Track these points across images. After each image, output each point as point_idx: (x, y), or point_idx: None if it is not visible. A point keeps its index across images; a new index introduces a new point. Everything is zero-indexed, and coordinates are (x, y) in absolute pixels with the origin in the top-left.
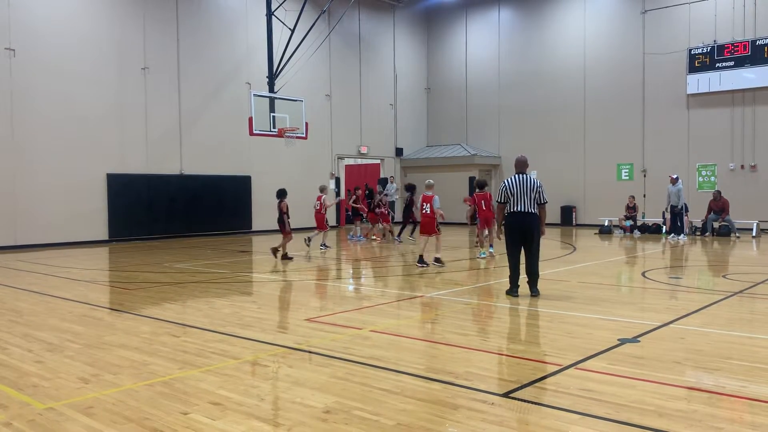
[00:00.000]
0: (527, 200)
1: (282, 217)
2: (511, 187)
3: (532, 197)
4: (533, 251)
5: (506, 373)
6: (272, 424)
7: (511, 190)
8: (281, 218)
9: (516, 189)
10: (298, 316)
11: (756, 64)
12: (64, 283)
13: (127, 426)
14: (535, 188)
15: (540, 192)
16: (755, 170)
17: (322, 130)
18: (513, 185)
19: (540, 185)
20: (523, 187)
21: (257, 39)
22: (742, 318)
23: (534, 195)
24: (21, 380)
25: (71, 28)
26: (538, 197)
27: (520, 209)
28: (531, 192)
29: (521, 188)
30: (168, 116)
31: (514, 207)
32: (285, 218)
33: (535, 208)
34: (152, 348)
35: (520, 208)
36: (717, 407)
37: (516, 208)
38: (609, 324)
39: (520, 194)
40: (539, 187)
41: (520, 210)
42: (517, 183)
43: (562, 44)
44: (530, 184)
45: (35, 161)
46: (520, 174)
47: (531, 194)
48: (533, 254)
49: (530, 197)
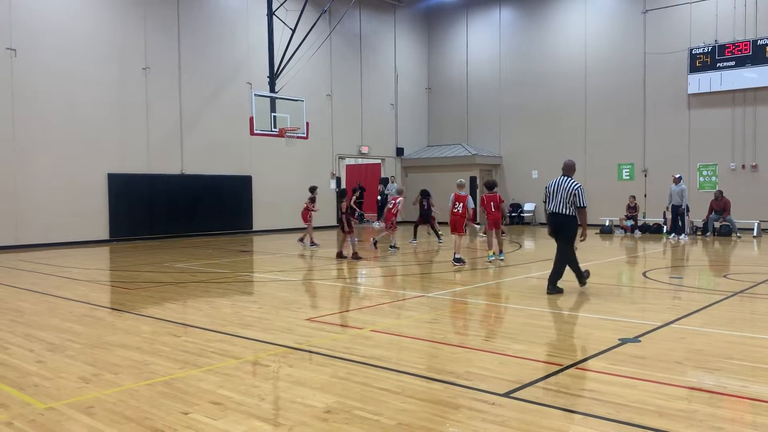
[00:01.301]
0: (560, 201)
1: (340, 217)
2: (549, 188)
3: (567, 199)
4: (564, 250)
5: (507, 373)
6: (273, 423)
7: (549, 190)
8: (339, 218)
9: (553, 190)
10: (298, 315)
11: (757, 64)
12: (66, 283)
13: (127, 426)
14: (570, 191)
15: (576, 195)
16: (756, 170)
17: (323, 130)
18: (551, 186)
19: (577, 189)
20: (559, 188)
21: (258, 39)
22: (743, 318)
23: (569, 197)
24: (22, 380)
25: (72, 29)
26: (575, 200)
27: (552, 210)
28: (566, 194)
29: (557, 190)
30: (169, 116)
31: (549, 207)
32: (344, 218)
33: (568, 210)
34: (153, 348)
35: (553, 208)
36: (718, 407)
37: (550, 209)
38: (610, 324)
39: (555, 195)
40: (576, 190)
41: (552, 210)
42: (555, 185)
43: (563, 44)
44: (567, 186)
45: (36, 161)
46: (563, 177)
47: (565, 196)
48: (563, 252)
49: (564, 199)
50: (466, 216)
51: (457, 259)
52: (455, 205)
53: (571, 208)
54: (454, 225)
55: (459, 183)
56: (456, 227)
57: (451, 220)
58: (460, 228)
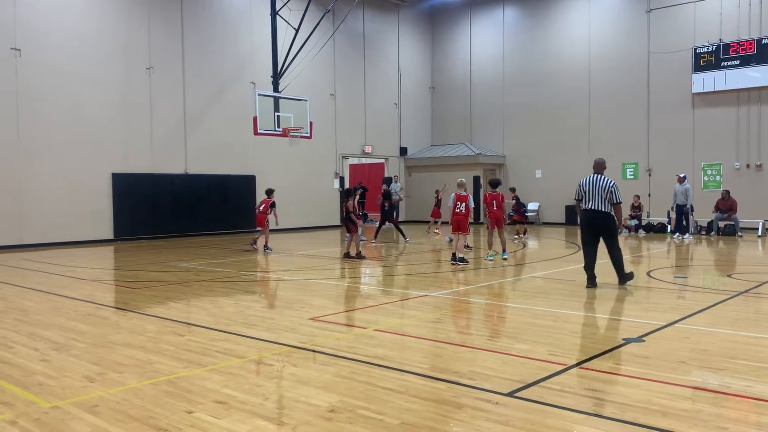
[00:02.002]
0: (598, 199)
1: (349, 215)
2: (583, 186)
3: (604, 197)
4: (613, 245)
5: (511, 373)
6: (276, 423)
7: (583, 188)
8: (348, 217)
9: (588, 187)
10: (302, 315)
11: (762, 63)
12: (70, 282)
13: (132, 425)
14: (606, 188)
15: (612, 192)
16: (761, 169)
17: (327, 130)
18: (585, 184)
19: (613, 186)
20: (595, 186)
21: (262, 38)
22: (748, 318)
23: (605, 195)
24: (27, 379)
25: (76, 28)
26: (611, 197)
27: (591, 207)
28: (602, 192)
29: (593, 187)
30: (173, 116)
31: (586, 204)
32: (352, 216)
33: (606, 207)
34: (157, 347)
35: (591, 205)
36: (722, 407)
37: (588, 206)
38: (614, 323)
39: (591, 193)
40: (612, 188)
41: (591, 207)
42: (590, 182)
43: (567, 43)
44: (602, 184)
45: (41, 161)
46: (596, 174)
47: (602, 194)
48: (613, 248)
49: (601, 196)
50: (468, 215)
51: (460, 258)
52: (457, 205)
53: (608, 204)
54: (457, 224)
55: (459, 182)
56: (460, 226)
57: (453, 219)
58: (464, 227)
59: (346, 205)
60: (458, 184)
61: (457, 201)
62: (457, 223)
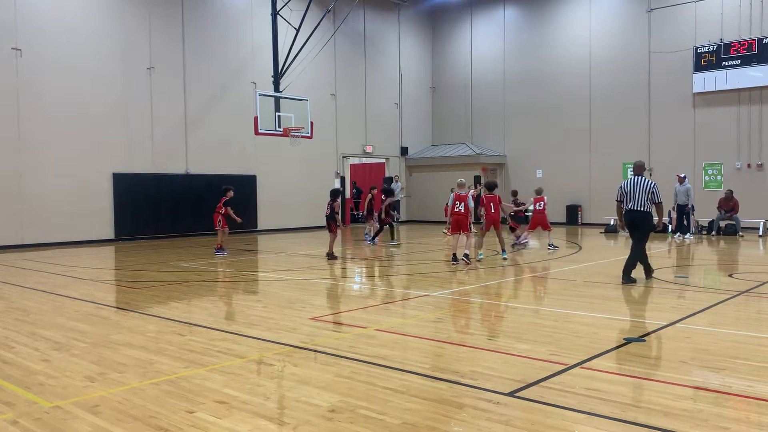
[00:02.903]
0: (639, 199)
1: (334, 216)
2: (625, 187)
3: (645, 197)
4: (641, 241)
5: (512, 373)
6: (277, 422)
7: (625, 189)
8: (333, 216)
9: (629, 188)
10: (303, 314)
11: (762, 63)
12: (71, 282)
13: (133, 424)
14: (648, 189)
15: (654, 192)
16: (761, 169)
17: (327, 130)
18: (627, 185)
19: (654, 187)
20: (636, 187)
21: (262, 38)
22: (749, 317)
23: (647, 195)
24: (27, 379)
25: (77, 28)
26: (653, 197)
27: (631, 207)
28: (644, 192)
29: (634, 189)
30: (173, 116)
31: (627, 205)
32: (337, 217)
33: (647, 207)
34: (158, 347)
35: (632, 206)
36: (723, 407)
37: (629, 206)
38: (615, 323)
39: (632, 194)
40: (653, 188)
41: (631, 208)
42: (631, 184)
43: (568, 43)
44: (644, 185)
45: (41, 161)
46: (637, 176)
47: (644, 194)
48: (639, 245)
49: (642, 197)
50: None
51: (465, 256)
52: (456, 205)
53: (648, 204)
54: (457, 224)
55: (459, 182)
56: (461, 226)
57: (453, 219)
58: (465, 227)
59: (333, 205)
60: (458, 184)
61: (456, 200)
62: (457, 222)
